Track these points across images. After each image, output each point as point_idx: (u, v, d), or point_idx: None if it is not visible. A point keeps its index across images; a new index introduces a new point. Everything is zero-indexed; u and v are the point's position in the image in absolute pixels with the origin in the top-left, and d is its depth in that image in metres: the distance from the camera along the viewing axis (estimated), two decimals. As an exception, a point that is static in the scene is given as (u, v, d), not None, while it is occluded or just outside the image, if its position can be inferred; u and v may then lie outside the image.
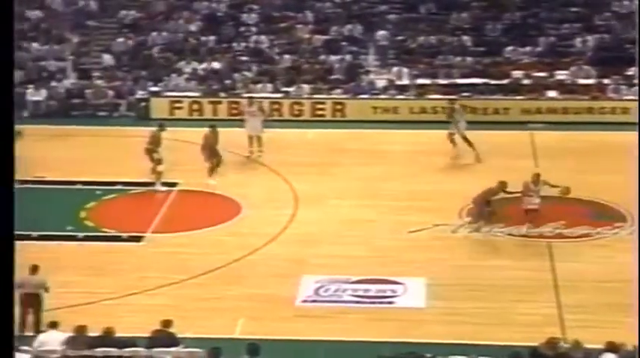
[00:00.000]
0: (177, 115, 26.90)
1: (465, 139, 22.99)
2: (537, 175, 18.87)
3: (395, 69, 28.49)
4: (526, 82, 27.74)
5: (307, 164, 22.87)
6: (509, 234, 18.54)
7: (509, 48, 29.06)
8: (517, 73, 28.06)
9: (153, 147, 21.48)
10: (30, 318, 15.05)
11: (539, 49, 29.09)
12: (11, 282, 4.70)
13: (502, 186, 18.77)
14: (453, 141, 23.14)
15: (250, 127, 23.46)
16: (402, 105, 27.01)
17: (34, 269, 15.35)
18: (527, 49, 29.02)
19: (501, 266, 17.35)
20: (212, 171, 21.57)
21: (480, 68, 28.46)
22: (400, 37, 29.82)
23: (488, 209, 18.71)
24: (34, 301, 15.09)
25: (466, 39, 29.50)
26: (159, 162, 21.40)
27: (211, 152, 21.72)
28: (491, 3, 30.42)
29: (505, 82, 27.78)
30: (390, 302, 16.24)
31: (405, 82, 28.06)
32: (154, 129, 22.06)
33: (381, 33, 29.84)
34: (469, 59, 28.73)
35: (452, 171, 22.52)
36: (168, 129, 23.93)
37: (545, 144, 24.06)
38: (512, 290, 16.35)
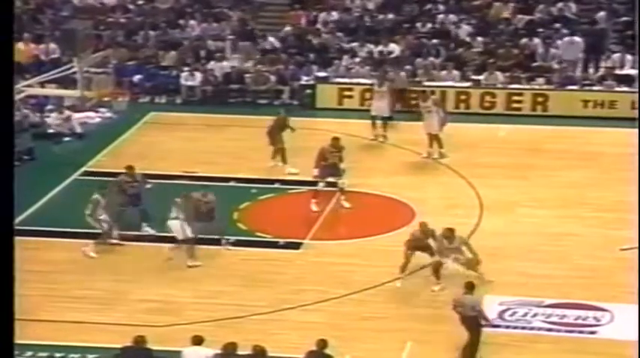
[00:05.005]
0: (347, 105, 27.18)
1: None
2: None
3: (615, 56, 28.03)
4: None
5: (497, 166, 22.80)
6: None
7: None
8: None
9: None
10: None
11: None
12: (11, 281, 5.08)
13: None
14: None
15: (425, 125, 23.48)
16: (622, 99, 26.52)
17: (470, 287, 15.34)
18: None
19: None
20: (275, 154, 22.64)
21: None
22: (626, 19, 29.20)
23: None
24: (471, 323, 15.22)
25: None
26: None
27: (273, 138, 22.61)
28: None
29: None
30: (591, 332, 16.10)
31: (629, 71, 27.52)
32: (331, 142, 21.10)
33: (601, 14, 29.42)
34: None
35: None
36: (335, 119, 24.14)
37: None
38: None
